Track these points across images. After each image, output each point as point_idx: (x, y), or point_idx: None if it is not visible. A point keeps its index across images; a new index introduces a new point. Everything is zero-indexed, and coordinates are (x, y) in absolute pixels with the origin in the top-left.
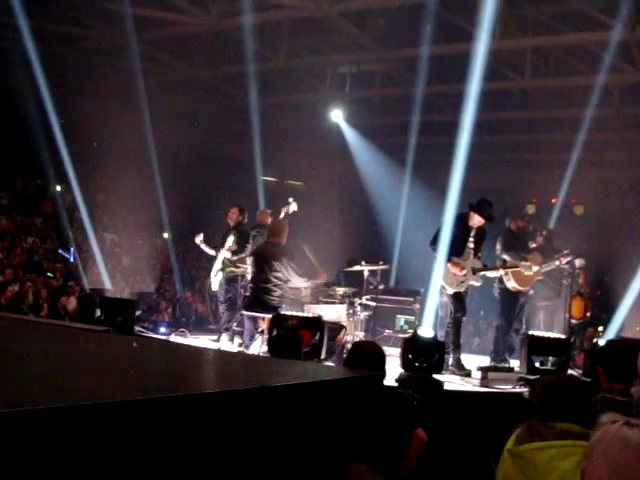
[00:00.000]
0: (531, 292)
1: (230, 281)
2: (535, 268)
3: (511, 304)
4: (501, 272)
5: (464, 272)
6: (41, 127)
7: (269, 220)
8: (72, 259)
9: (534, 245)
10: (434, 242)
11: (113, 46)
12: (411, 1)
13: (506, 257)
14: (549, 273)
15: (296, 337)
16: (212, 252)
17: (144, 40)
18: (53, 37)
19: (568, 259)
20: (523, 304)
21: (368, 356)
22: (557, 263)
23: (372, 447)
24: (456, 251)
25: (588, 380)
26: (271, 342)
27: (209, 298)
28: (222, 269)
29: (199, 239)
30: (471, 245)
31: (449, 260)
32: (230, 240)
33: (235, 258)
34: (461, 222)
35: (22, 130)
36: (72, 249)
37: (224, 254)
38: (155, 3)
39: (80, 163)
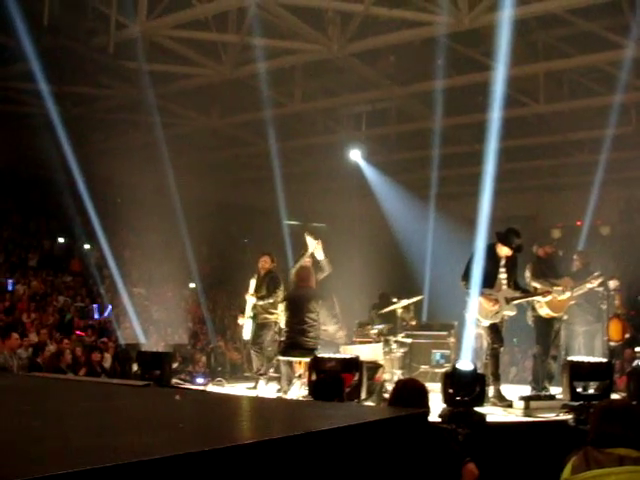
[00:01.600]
0: (565, 317)
1: (263, 327)
2: (567, 294)
3: (546, 331)
4: (538, 298)
5: (497, 304)
6: (67, 187)
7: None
8: (98, 315)
9: (573, 270)
10: (464, 277)
11: (131, 103)
12: (421, 36)
13: (536, 285)
14: (587, 298)
15: (338, 380)
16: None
17: (161, 94)
18: (73, 99)
19: (600, 280)
20: (558, 330)
21: (411, 394)
22: (589, 286)
23: None
24: (487, 283)
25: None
26: (314, 386)
27: (242, 345)
28: (254, 316)
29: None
30: (503, 275)
31: (481, 293)
32: (252, 285)
33: (261, 303)
34: (489, 253)
35: (48, 191)
36: (96, 306)
37: (250, 299)
38: (169, 57)
39: (106, 220)
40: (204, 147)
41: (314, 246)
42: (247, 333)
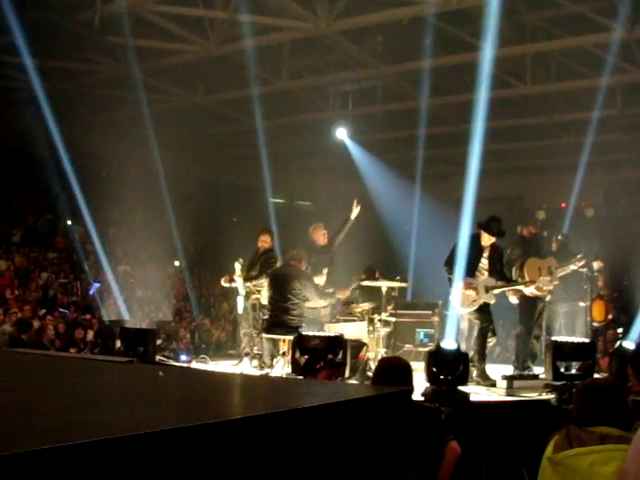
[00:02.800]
0: (549, 297)
1: (257, 309)
2: (546, 283)
3: (530, 311)
4: (520, 288)
5: (475, 292)
6: (51, 162)
7: (324, 237)
8: (93, 292)
9: (553, 250)
10: (447, 263)
11: (117, 78)
12: (408, 15)
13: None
14: (570, 277)
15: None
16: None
17: (147, 70)
18: (58, 73)
19: (583, 262)
20: (542, 310)
21: (395, 372)
22: (572, 267)
23: (406, 463)
24: (469, 271)
25: None
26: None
27: (228, 322)
28: (246, 296)
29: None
30: (485, 265)
31: (462, 280)
32: (237, 268)
33: (249, 283)
34: (473, 242)
35: (32, 166)
36: (95, 284)
37: (239, 280)
38: (156, 33)
39: (90, 196)
40: (190, 124)
41: (356, 212)
42: (240, 308)
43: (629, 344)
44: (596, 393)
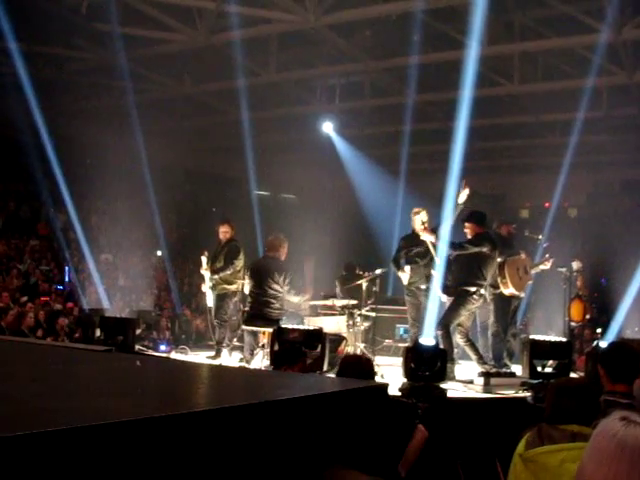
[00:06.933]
0: (522, 295)
1: (222, 298)
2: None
3: (505, 309)
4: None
5: None
6: (34, 149)
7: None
8: (67, 279)
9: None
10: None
11: (103, 66)
12: (398, 11)
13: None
14: (548, 276)
15: (298, 350)
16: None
17: (134, 59)
18: (44, 59)
19: (551, 261)
20: (516, 308)
21: (358, 369)
22: (542, 267)
23: (377, 455)
24: None
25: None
26: (275, 356)
27: (208, 312)
28: (213, 286)
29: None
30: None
31: None
32: (204, 261)
33: (217, 276)
34: None
35: (15, 153)
36: (67, 269)
37: (206, 274)
38: (143, 22)
39: (74, 184)
40: (176, 114)
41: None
42: (210, 301)
43: (605, 344)
44: (568, 392)
